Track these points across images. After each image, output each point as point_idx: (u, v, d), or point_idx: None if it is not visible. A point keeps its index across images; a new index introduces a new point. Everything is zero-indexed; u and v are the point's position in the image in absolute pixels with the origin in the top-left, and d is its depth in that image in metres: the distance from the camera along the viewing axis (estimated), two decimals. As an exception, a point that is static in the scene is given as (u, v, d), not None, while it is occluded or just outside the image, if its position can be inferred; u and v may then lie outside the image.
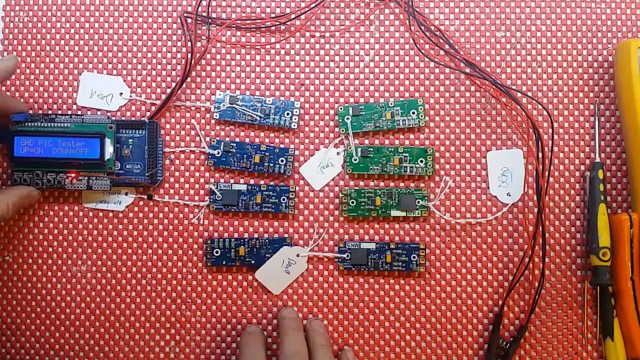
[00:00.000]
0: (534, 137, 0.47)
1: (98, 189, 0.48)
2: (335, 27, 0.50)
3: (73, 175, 0.47)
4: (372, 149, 0.49)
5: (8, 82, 0.50)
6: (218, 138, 0.49)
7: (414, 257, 0.48)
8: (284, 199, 0.48)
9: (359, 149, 0.49)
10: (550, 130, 0.49)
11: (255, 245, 0.48)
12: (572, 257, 0.49)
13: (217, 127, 0.50)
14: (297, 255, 0.48)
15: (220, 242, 0.48)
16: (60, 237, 0.49)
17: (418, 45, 0.49)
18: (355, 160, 0.49)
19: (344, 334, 0.48)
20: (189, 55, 0.48)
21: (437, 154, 0.49)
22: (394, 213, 0.48)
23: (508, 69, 0.50)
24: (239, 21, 0.50)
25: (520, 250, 0.49)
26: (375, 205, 0.48)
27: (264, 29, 0.50)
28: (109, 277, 0.49)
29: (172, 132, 0.50)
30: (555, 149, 0.49)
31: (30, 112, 0.48)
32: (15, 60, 0.45)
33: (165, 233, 0.49)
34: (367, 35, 0.50)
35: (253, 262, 0.48)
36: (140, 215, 0.49)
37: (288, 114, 0.49)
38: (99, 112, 0.49)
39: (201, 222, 0.49)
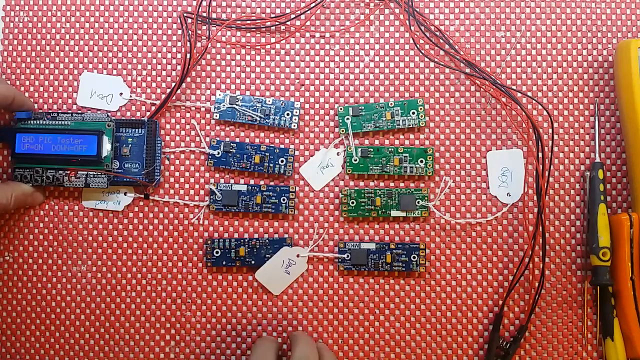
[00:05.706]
0: (534, 137, 0.47)
1: (96, 187, 0.48)
2: (335, 27, 0.50)
3: (69, 171, 0.47)
4: (372, 149, 0.49)
5: (8, 82, 0.50)
6: (218, 138, 0.49)
7: (414, 257, 0.48)
8: (284, 199, 0.48)
9: (359, 149, 0.49)
10: (550, 130, 0.49)
11: (256, 246, 0.48)
12: (572, 257, 0.49)
13: (217, 127, 0.50)
14: (297, 256, 0.48)
15: (220, 242, 0.48)
16: (60, 237, 0.49)
17: (418, 45, 0.49)
18: (355, 160, 0.49)
19: (344, 334, 0.48)
20: (189, 55, 0.48)
21: (437, 154, 0.49)
22: (394, 213, 0.48)
23: (508, 69, 0.50)
24: (239, 21, 0.50)
25: (520, 250, 0.49)
26: (375, 206, 0.48)
27: (264, 29, 0.50)
28: (108, 277, 0.49)
29: (172, 132, 0.50)
30: (555, 149, 0.49)
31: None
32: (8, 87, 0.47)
33: (165, 233, 0.49)
34: (367, 35, 0.50)
35: (253, 262, 0.48)
36: (140, 215, 0.49)
37: (288, 114, 0.49)
38: (99, 112, 0.49)
39: (201, 222, 0.49)
